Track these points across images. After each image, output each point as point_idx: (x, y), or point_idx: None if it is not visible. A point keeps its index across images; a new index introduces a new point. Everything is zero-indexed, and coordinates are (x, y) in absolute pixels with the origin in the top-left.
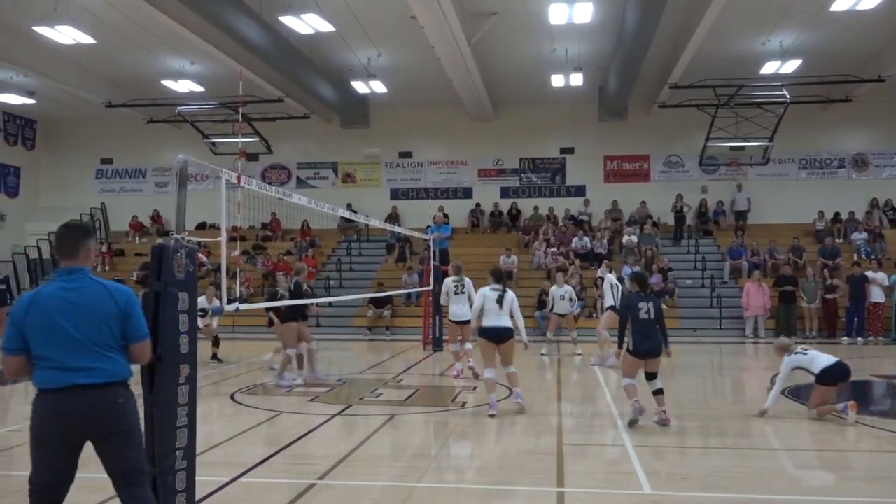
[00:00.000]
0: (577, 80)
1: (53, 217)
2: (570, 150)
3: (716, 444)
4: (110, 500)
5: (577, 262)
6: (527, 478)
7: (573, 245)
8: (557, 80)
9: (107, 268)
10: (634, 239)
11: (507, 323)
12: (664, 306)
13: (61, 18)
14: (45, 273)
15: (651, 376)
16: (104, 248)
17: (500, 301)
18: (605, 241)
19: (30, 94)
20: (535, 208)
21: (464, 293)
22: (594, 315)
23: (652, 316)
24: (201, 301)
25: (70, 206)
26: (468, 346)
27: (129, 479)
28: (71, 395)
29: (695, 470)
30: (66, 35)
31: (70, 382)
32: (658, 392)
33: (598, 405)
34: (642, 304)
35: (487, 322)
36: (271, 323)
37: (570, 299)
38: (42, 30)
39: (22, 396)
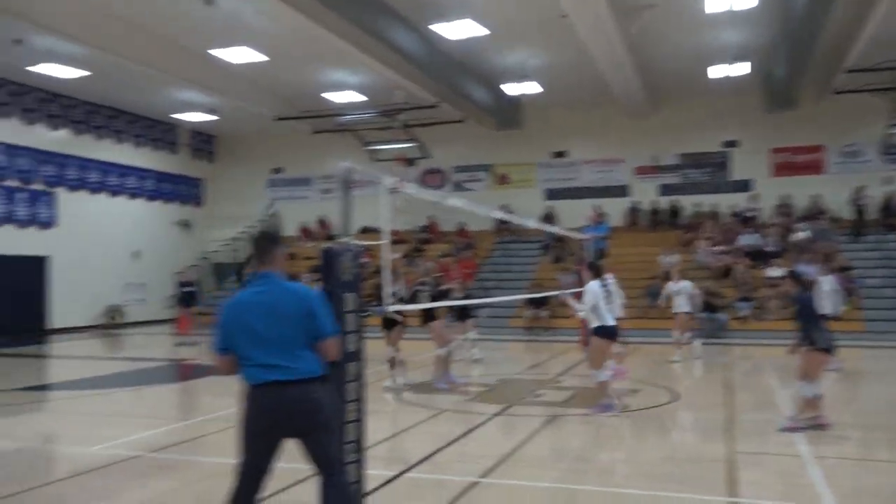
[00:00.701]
0: (739, 69)
1: (232, 224)
2: (734, 144)
3: None
4: (288, 488)
5: (746, 260)
6: (694, 486)
7: (739, 243)
8: (718, 71)
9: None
10: (807, 235)
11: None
12: (844, 307)
13: (235, 40)
14: (226, 277)
15: None
16: None
17: (609, 296)
18: (774, 239)
19: (211, 111)
20: (697, 205)
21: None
22: (764, 316)
23: None
24: None
25: (247, 214)
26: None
27: (328, 469)
28: (270, 391)
29: (883, 486)
30: (240, 55)
31: (268, 379)
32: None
33: (772, 411)
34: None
35: (607, 320)
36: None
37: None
38: (219, 52)
39: (209, 387)
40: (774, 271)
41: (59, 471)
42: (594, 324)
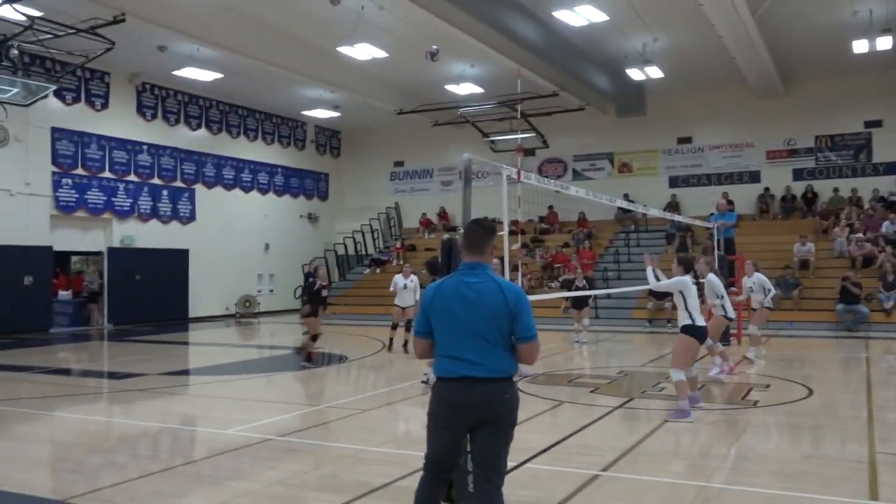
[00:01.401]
0: (884, 43)
1: (356, 217)
2: (878, 124)
3: None
4: (410, 475)
5: (889, 248)
6: (832, 487)
7: (883, 230)
8: (860, 46)
9: (401, 262)
10: None
11: None
12: None
13: (359, 37)
14: (351, 267)
15: None
16: (398, 244)
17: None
18: None
19: (335, 107)
20: (836, 190)
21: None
22: None
23: None
24: (397, 278)
25: (369, 207)
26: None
27: (487, 473)
28: (461, 385)
29: None
30: (363, 52)
31: (460, 374)
32: None
33: (854, 410)
34: None
35: (697, 319)
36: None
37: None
38: (344, 49)
39: (334, 375)
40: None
41: (198, 451)
42: (684, 321)
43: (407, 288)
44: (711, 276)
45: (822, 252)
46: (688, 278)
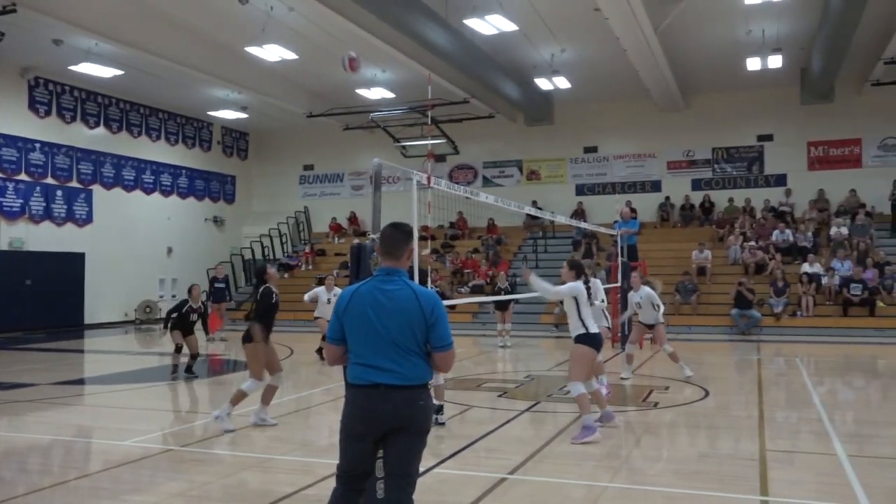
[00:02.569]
0: (775, 62)
1: (264, 221)
2: (769, 138)
3: None
4: (317, 483)
5: (779, 256)
6: (726, 484)
7: (773, 238)
8: (753, 64)
9: (310, 267)
10: (844, 231)
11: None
12: (881, 304)
13: (268, 38)
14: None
15: None
16: (307, 249)
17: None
18: (809, 234)
19: (242, 108)
20: (730, 200)
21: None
22: (798, 313)
23: None
24: (319, 291)
25: (278, 210)
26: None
27: (400, 481)
28: (375, 393)
29: None
30: (272, 53)
31: (373, 381)
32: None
33: (806, 410)
34: None
35: (591, 327)
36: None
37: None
38: (253, 49)
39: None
40: (809, 267)
41: (93, 464)
42: (577, 331)
43: (330, 302)
44: (646, 290)
45: (718, 259)
46: (580, 284)
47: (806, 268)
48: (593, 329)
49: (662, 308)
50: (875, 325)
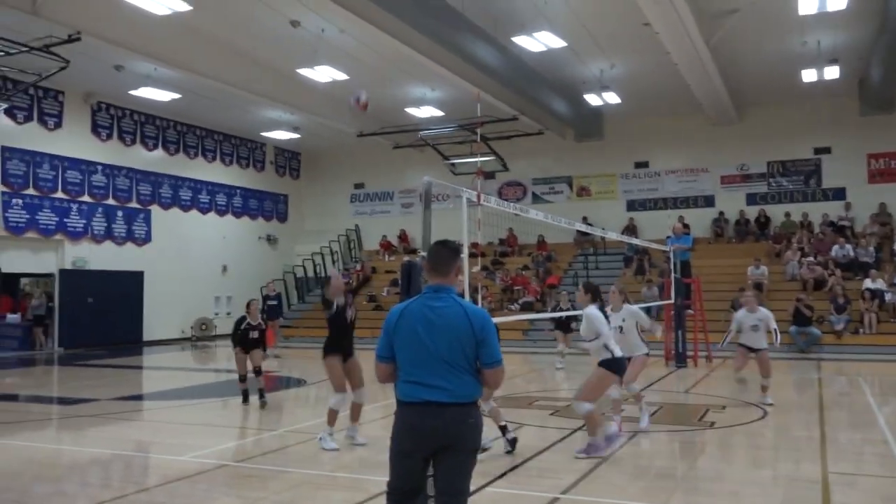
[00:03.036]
0: (832, 73)
1: (316, 239)
2: (827, 150)
3: None
4: (370, 500)
5: (838, 272)
6: None
7: (833, 254)
8: (809, 75)
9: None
10: None
11: None
12: None
13: (320, 59)
14: (311, 290)
15: None
16: (358, 267)
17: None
18: (871, 249)
19: (295, 129)
20: (787, 215)
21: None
22: (860, 330)
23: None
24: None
25: (329, 229)
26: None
27: (451, 499)
28: (425, 410)
29: None
30: (323, 74)
31: (423, 398)
32: None
33: (869, 431)
34: None
35: (616, 351)
36: None
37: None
38: (304, 71)
39: (293, 399)
40: (871, 283)
41: (151, 479)
42: (603, 355)
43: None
44: (630, 307)
45: (775, 275)
46: (596, 307)
47: (868, 284)
48: (618, 353)
49: (656, 328)
50: None
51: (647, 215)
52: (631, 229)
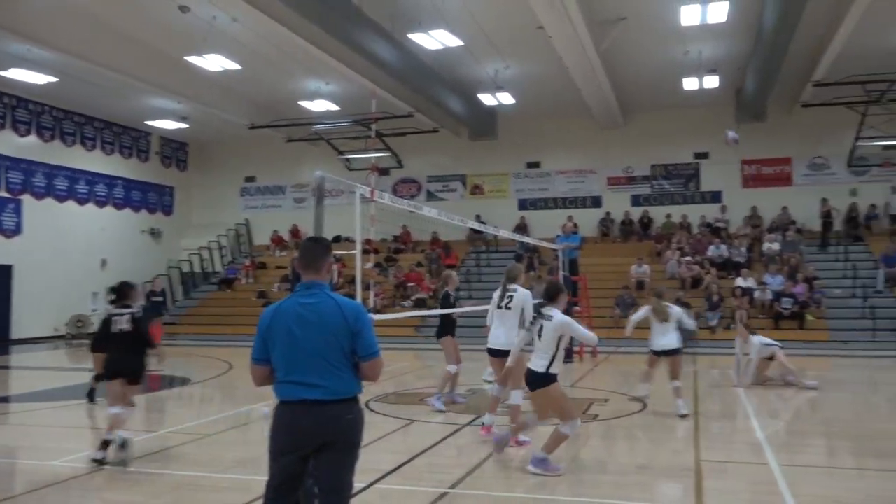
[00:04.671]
0: (711, 82)
1: (203, 233)
2: (705, 155)
3: (871, 466)
4: (254, 501)
5: (714, 271)
6: (663, 494)
7: (709, 253)
8: (690, 84)
9: (251, 280)
10: (776, 246)
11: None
12: (810, 317)
13: (210, 48)
14: (197, 286)
15: None
16: (247, 262)
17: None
18: (743, 249)
19: (183, 119)
20: (668, 216)
21: (510, 309)
22: (731, 326)
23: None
24: None
25: (218, 223)
26: (515, 395)
27: (333, 497)
28: (301, 408)
29: (848, 493)
30: (215, 63)
31: (300, 397)
32: None
33: (739, 421)
34: None
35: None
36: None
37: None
38: (193, 59)
39: (176, 398)
40: (743, 281)
41: (18, 486)
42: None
43: None
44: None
45: (656, 273)
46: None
47: (739, 282)
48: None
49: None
50: (804, 337)
51: (538, 214)
52: (522, 228)
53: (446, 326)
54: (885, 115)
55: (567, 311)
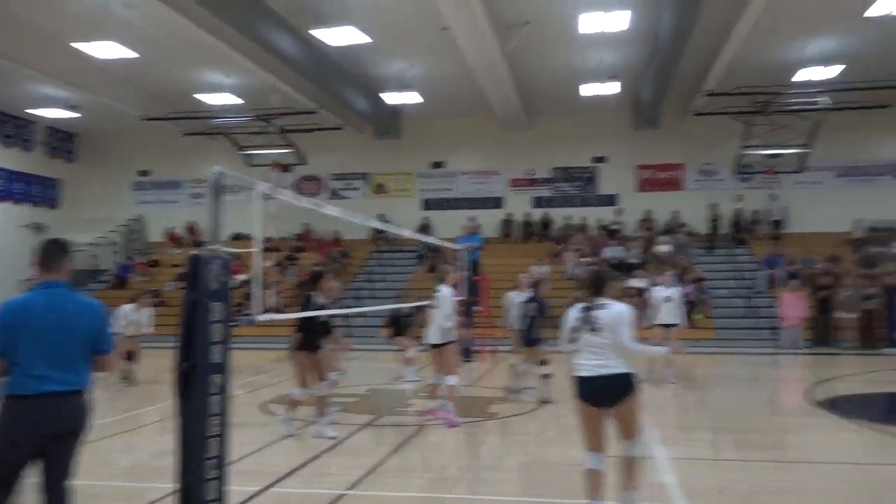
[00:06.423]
0: (610, 88)
1: (93, 229)
2: (603, 159)
3: (753, 458)
4: None
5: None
6: (559, 489)
7: (605, 255)
8: (590, 89)
9: (146, 278)
10: (668, 248)
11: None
12: (698, 316)
13: (103, 34)
14: (85, 284)
15: None
16: (141, 260)
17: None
18: (637, 251)
19: (72, 108)
20: (567, 218)
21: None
22: None
23: None
24: (127, 310)
25: (109, 218)
26: (452, 379)
27: (65, 479)
28: (46, 402)
29: (730, 484)
30: (108, 50)
31: (46, 390)
32: None
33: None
34: None
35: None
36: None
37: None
38: (83, 45)
39: None
40: (636, 282)
41: None
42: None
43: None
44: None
45: (555, 274)
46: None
47: (634, 282)
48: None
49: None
50: (693, 336)
51: (441, 214)
52: (425, 228)
53: (310, 334)
54: (768, 126)
55: (468, 311)
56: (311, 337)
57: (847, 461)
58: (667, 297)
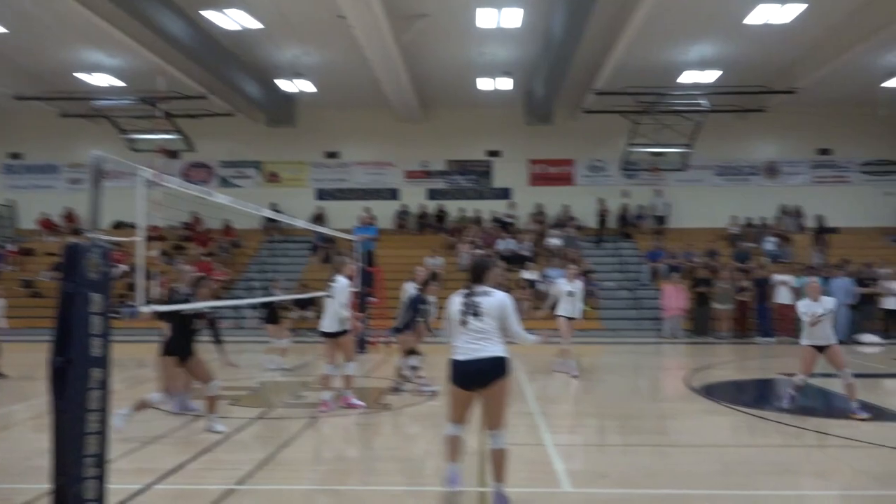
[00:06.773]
0: (504, 83)
1: None
2: (497, 153)
3: (634, 442)
4: None
5: (502, 263)
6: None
7: (498, 247)
8: (485, 84)
9: (17, 268)
10: (558, 241)
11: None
12: (586, 308)
13: None
14: None
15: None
16: (12, 247)
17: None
18: (528, 244)
19: None
20: (462, 210)
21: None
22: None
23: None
24: None
25: None
26: (350, 367)
27: None
28: None
29: (614, 467)
30: None
31: None
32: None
33: (519, 405)
34: None
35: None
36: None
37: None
38: None
39: None
40: (528, 274)
41: None
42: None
43: None
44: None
45: (449, 265)
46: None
47: (525, 274)
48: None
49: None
50: (581, 326)
51: (336, 205)
52: (319, 218)
53: (180, 339)
54: (653, 125)
55: (362, 302)
56: (180, 342)
57: (720, 443)
58: (570, 291)
